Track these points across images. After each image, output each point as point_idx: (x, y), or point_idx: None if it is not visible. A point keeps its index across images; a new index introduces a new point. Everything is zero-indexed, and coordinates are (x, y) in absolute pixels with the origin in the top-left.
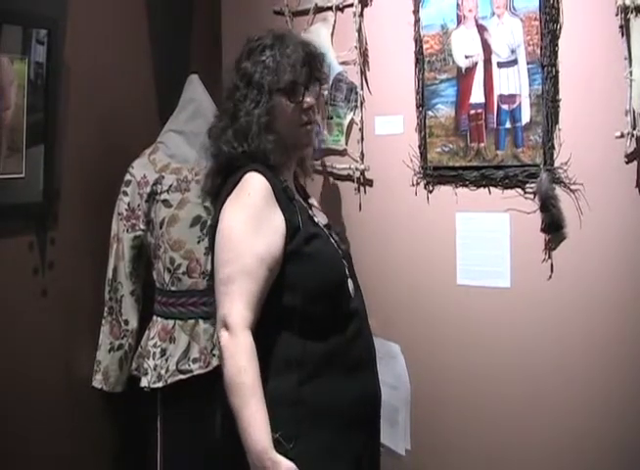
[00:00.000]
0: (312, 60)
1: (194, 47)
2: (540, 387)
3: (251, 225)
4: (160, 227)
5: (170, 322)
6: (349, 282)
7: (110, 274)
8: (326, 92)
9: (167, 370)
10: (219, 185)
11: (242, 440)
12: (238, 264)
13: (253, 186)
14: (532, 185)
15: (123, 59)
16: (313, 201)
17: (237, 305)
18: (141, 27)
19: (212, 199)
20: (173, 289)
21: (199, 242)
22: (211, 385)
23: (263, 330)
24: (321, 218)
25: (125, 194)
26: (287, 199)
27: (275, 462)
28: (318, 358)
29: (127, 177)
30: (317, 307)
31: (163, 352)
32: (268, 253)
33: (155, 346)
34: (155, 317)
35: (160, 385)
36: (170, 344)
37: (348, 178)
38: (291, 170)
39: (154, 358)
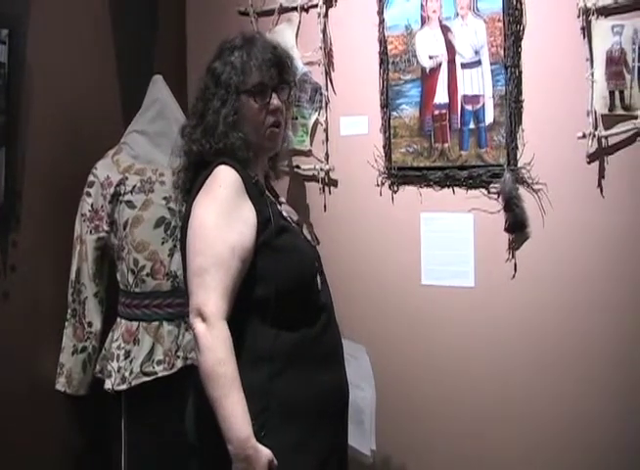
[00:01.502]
0: (281, 62)
1: (158, 47)
2: (506, 383)
3: (223, 216)
4: (124, 228)
5: (134, 324)
6: (318, 277)
7: (73, 276)
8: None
9: (131, 372)
10: (190, 180)
11: (223, 430)
12: (211, 255)
13: (224, 179)
14: (496, 185)
15: (87, 59)
16: (283, 200)
17: (212, 296)
18: (105, 27)
19: (184, 194)
20: (137, 290)
21: (163, 243)
22: (176, 386)
23: (235, 321)
24: (292, 215)
25: (89, 195)
26: (257, 192)
27: (257, 450)
28: (289, 350)
29: (91, 178)
30: (288, 300)
31: (127, 353)
32: (240, 244)
33: (119, 348)
34: (119, 319)
35: (124, 387)
36: (134, 346)
37: (313, 179)
38: (261, 168)
39: (117, 360)
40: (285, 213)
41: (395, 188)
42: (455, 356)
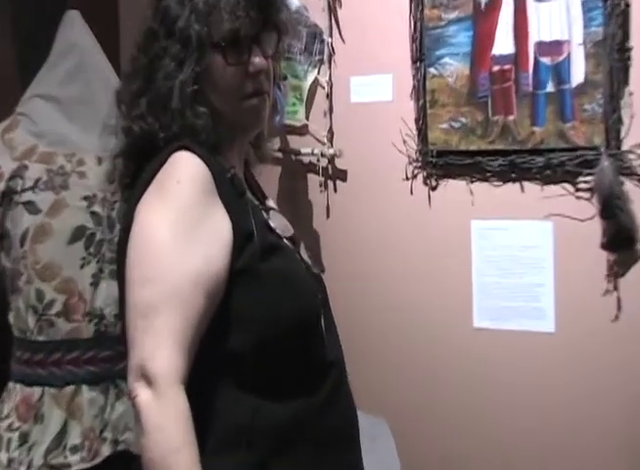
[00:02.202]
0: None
1: None
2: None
3: (183, 230)
4: (22, 244)
5: (36, 391)
6: (322, 320)
7: None
8: None
9: (30, 466)
10: (131, 172)
11: None
12: (163, 288)
13: (185, 171)
14: (589, 178)
15: None
16: (272, 203)
17: (163, 348)
18: None
19: (123, 192)
20: (42, 339)
21: (82, 266)
22: None
23: (197, 387)
24: (285, 227)
25: None
26: (234, 193)
27: None
28: (276, 430)
29: None
30: (278, 354)
31: (24, 437)
32: (206, 272)
33: (10, 428)
34: (11, 384)
35: None
36: (35, 424)
37: (310, 169)
38: (239, 156)
39: (8, 449)
40: (274, 225)
41: (434, 183)
42: (525, 438)
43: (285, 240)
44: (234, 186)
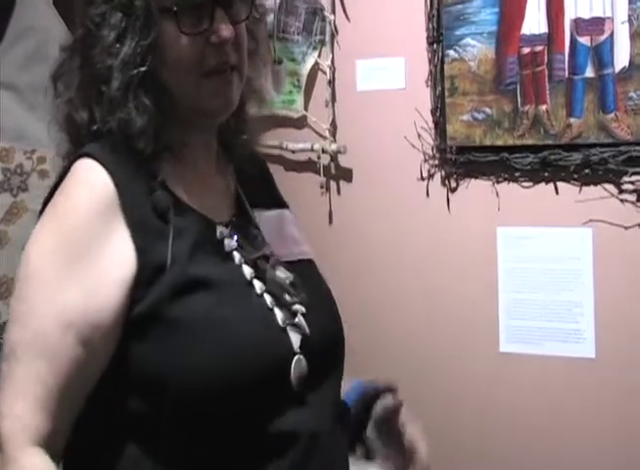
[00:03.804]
0: None
1: None
2: None
3: (62, 260)
4: None
5: None
6: (295, 382)
7: None
8: (270, 15)
9: None
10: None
11: None
12: (25, 330)
13: (79, 186)
14: (634, 178)
15: None
16: (285, 216)
17: (18, 403)
18: None
19: None
20: None
21: None
22: None
23: (97, 452)
24: (281, 249)
25: None
26: (149, 210)
27: None
28: None
29: None
30: (201, 423)
31: None
32: (85, 313)
33: None
34: None
35: None
36: None
37: (310, 167)
38: (206, 152)
39: None
40: (229, 247)
41: (454, 183)
42: None
43: (246, 267)
44: (153, 200)
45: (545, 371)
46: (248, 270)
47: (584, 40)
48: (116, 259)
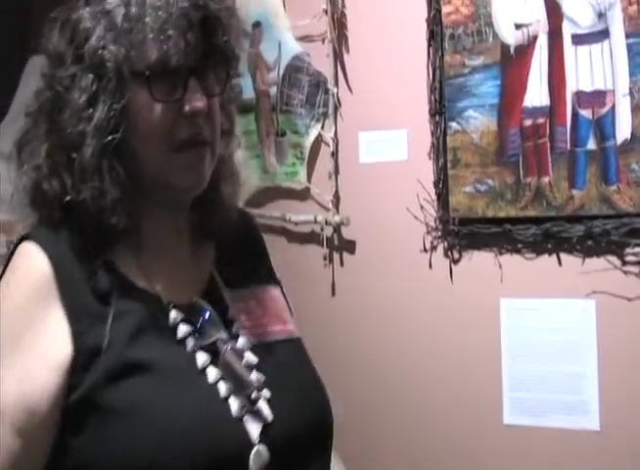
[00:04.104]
0: (207, 16)
1: (39, 10)
2: None
3: None
4: None
5: None
6: None
7: None
8: (274, 87)
9: None
10: None
11: None
12: None
13: (16, 271)
14: (638, 250)
15: None
16: (267, 293)
17: None
18: None
19: None
20: None
21: None
22: None
23: None
24: (254, 329)
25: None
26: (89, 293)
27: None
28: None
29: None
30: None
31: None
32: (19, 398)
33: None
34: None
35: None
36: None
37: (313, 239)
38: (175, 228)
39: None
40: (184, 331)
41: (457, 255)
42: None
43: (201, 354)
44: (94, 284)
45: (550, 443)
46: (202, 357)
47: (586, 113)
48: (52, 345)
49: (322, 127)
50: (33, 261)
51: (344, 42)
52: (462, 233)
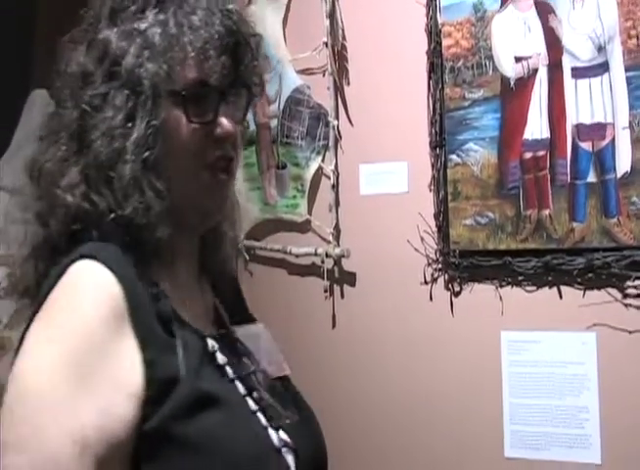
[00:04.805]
0: (239, 41)
1: (40, 44)
2: None
3: (71, 373)
4: None
5: None
6: None
7: None
8: (274, 120)
9: None
10: (41, 275)
11: None
12: (35, 452)
13: (84, 290)
14: (638, 282)
15: None
16: (256, 327)
17: None
18: None
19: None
20: None
21: None
22: None
23: None
24: (245, 365)
25: None
26: (154, 319)
27: None
28: None
29: None
30: None
31: None
32: (100, 433)
33: None
34: None
35: None
36: None
37: (313, 272)
38: (188, 256)
39: None
40: (222, 360)
41: (458, 288)
42: None
43: (239, 384)
44: (158, 308)
45: None
46: (241, 387)
47: (586, 146)
48: (127, 373)
49: (323, 160)
50: (103, 281)
51: (345, 75)
52: (462, 265)
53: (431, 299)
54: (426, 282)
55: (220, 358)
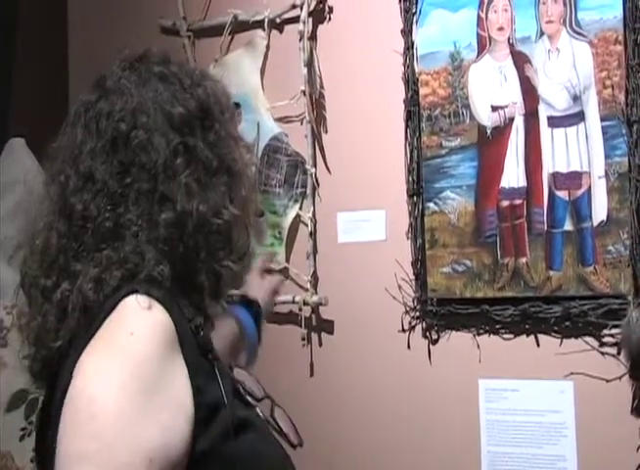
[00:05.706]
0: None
1: (18, 93)
2: None
3: (136, 393)
4: None
5: None
6: None
7: None
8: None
9: None
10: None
11: None
12: (102, 464)
13: (141, 319)
14: (615, 331)
15: None
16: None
17: None
18: None
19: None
20: None
21: (23, 438)
22: None
23: None
24: (254, 392)
25: None
26: (197, 350)
27: None
28: None
29: None
30: None
31: None
32: (164, 449)
33: None
34: None
35: None
36: None
37: (291, 319)
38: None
39: None
40: (241, 388)
41: (435, 335)
42: None
43: (258, 410)
44: (197, 340)
45: None
46: (259, 412)
47: (562, 194)
48: (183, 396)
49: (300, 208)
50: (159, 312)
51: (323, 123)
52: (440, 313)
53: (408, 347)
54: (404, 330)
55: (240, 387)
